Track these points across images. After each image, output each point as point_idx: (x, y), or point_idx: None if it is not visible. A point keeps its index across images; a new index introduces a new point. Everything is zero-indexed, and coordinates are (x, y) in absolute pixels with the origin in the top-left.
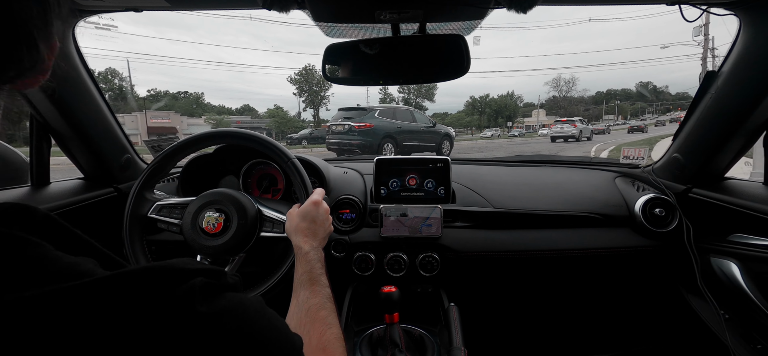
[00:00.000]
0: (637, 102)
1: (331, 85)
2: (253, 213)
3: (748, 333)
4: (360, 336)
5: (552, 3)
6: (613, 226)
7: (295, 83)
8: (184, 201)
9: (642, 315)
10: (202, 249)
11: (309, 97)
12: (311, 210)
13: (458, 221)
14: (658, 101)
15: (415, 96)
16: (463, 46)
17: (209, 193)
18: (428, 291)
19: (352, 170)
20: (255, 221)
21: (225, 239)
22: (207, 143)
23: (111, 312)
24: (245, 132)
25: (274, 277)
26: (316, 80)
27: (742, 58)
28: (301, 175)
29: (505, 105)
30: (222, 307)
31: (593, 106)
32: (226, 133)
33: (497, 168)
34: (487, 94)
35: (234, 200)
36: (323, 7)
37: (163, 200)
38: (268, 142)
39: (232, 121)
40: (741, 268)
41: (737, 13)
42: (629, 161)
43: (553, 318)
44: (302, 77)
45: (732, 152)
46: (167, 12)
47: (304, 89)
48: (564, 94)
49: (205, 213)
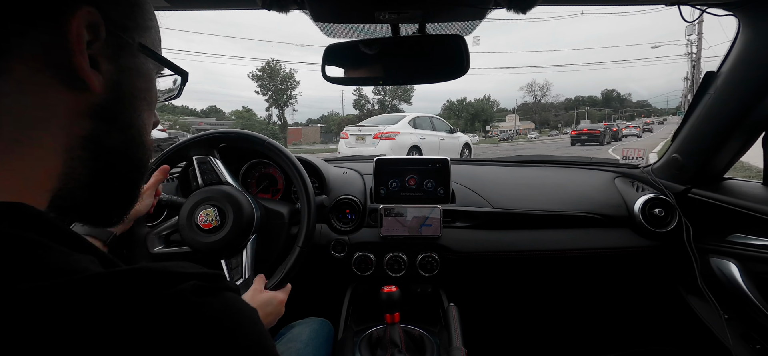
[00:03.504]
0: (604, 108)
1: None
2: (250, 212)
3: (748, 334)
4: (359, 336)
5: (552, 3)
6: (612, 226)
7: (257, 80)
8: (182, 201)
9: (641, 316)
10: (197, 245)
11: (273, 96)
12: (271, 300)
13: (458, 221)
14: (622, 108)
15: (392, 98)
16: (463, 46)
17: (206, 190)
18: (428, 292)
19: (351, 170)
20: (251, 220)
21: (220, 236)
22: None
23: (102, 309)
24: (246, 132)
25: (275, 280)
26: (281, 77)
27: (741, 59)
28: (301, 175)
29: (482, 109)
30: (219, 306)
31: (564, 112)
32: (227, 134)
33: (497, 168)
34: (465, 98)
35: (230, 197)
36: (323, 7)
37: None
38: (269, 142)
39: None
40: (740, 268)
41: (736, 14)
42: (628, 161)
43: (552, 319)
44: (265, 74)
45: (731, 152)
46: None
47: (267, 87)
48: (538, 99)
49: (201, 209)
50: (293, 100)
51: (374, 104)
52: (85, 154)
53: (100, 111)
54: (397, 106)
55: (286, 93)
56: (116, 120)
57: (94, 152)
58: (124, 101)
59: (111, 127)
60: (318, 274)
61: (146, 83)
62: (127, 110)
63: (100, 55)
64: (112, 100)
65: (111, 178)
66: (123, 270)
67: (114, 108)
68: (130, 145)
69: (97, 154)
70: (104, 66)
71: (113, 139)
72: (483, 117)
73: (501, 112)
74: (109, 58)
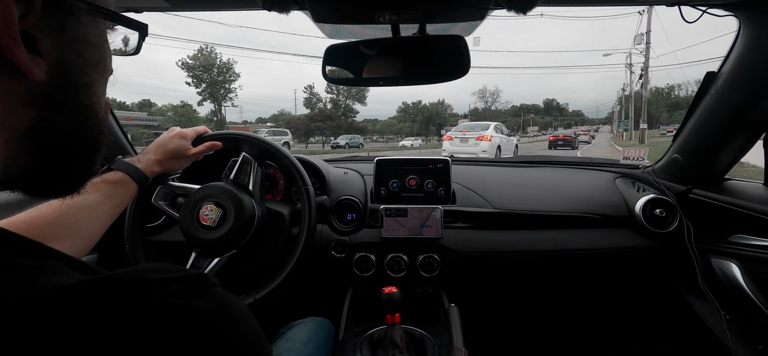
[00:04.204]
0: (545, 116)
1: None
2: (251, 212)
3: (749, 334)
4: (360, 336)
5: (552, 3)
6: (613, 227)
7: (189, 70)
8: (190, 186)
9: (642, 316)
10: (197, 240)
11: (208, 89)
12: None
13: (458, 222)
14: (561, 116)
15: (345, 98)
16: (463, 47)
17: (210, 186)
18: (429, 292)
19: (352, 171)
20: (251, 219)
21: (220, 233)
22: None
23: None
24: (246, 133)
25: (276, 280)
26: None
27: (742, 59)
28: (302, 175)
29: (436, 112)
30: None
31: (511, 118)
32: (228, 135)
33: (497, 168)
34: (420, 101)
35: (233, 196)
36: (323, 7)
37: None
38: (269, 143)
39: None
40: (741, 269)
41: (737, 14)
42: (629, 162)
43: (553, 319)
44: (197, 62)
45: (732, 153)
46: None
47: (201, 79)
48: (489, 105)
49: (203, 205)
50: (232, 95)
51: (326, 103)
52: (28, 146)
53: (45, 98)
54: (351, 105)
55: (224, 86)
56: (65, 105)
57: (38, 142)
58: (73, 82)
59: (59, 113)
60: (319, 275)
61: (98, 52)
62: (78, 92)
63: (37, 31)
64: (58, 83)
65: (60, 160)
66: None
67: (62, 93)
68: (83, 127)
69: (42, 143)
70: (45, 44)
71: (62, 123)
72: (437, 121)
73: (454, 116)
74: (50, 32)
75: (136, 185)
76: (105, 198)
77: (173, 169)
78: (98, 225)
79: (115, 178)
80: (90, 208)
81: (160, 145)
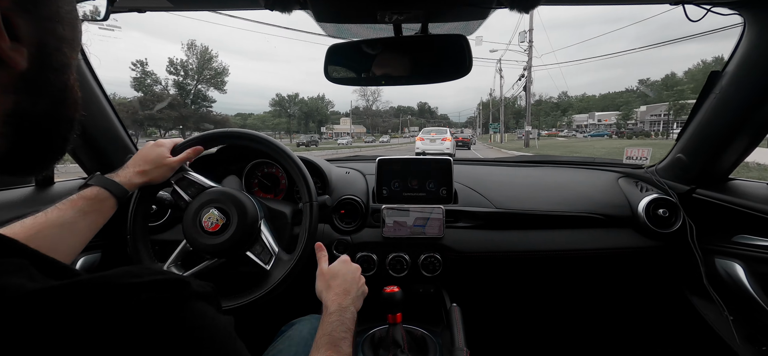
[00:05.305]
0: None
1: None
2: (253, 213)
3: (753, 335)
4: (362, 336)
5: (552, 3)
6: (616, 227)
7: None
8: (203, 179)
9: (645, 316)
10: (199, 246)
11: None
12: (340, 268)
13: (460, 221)
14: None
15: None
16: (465, 46)
17: (212, 191)
18: (430, 292)
19: (353, 170)
20: (254, 223)
21: (223, 239)
22: (211, 144)
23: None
24: (247, 132)
25: (276, 280)
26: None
27: (747, 58)
28: (303, 175)
29: (316, 108)
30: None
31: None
32: (229, 134)
33: (499, 168)
34: (297, 94)
35: (236, 200)
36: (325, 7)
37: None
38: (271, 142)
39: None
40: (745, 269)
41: (741, 13)
42: (632, 161)
43: (555, 319)
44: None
45: (736, 152)
46: None
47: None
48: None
49: (206, 211)
50: None
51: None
52: (7, 130)
53: (25, 84)
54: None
55: None
56: (43, 87)
57: (18, 126)
58: (52, 66)
59: (38, 95)
60: None
61: (71, 28)
62: (57, 74)
63: (13, 14)
64: (37, 68)
65: (37, 141)
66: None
67: (40, 76)
68: (61, 106)
69: (21, 126)
70: (23, 29)
71: (41, 105)
72: (318, 117)
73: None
74: (26, 14)
75: (115, 200)
76: (81, 215)
77: (157, 178)
78: (75, 242)
79: (92, 193)
80: (66, 226)
81: (140, 156)
